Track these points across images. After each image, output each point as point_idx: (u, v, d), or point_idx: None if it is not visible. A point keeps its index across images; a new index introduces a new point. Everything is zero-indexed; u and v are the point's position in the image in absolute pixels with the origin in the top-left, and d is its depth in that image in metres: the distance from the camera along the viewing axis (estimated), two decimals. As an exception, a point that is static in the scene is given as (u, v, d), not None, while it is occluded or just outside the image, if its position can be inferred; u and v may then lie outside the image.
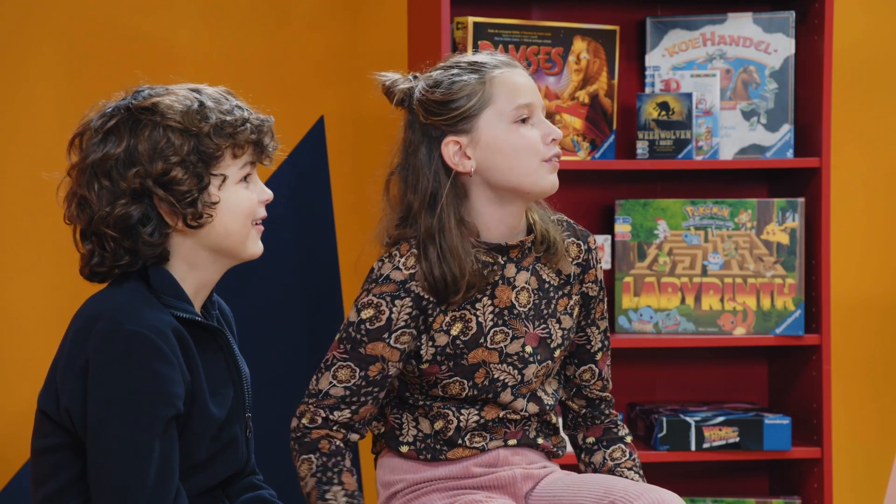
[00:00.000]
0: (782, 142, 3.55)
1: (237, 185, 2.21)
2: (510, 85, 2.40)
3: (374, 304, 2.39)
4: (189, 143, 2.16)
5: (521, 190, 2.40)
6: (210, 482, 2.23)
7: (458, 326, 2.41)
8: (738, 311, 3.50)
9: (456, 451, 2.46)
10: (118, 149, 2.15)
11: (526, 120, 2.40)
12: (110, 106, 2.21)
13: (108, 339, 2.09)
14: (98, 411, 2.08)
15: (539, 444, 2.51)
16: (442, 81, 2.40)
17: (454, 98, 2.39)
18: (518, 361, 2.44)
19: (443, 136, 2.40)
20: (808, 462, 3.51)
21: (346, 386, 2.39)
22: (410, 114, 2.43)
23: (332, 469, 2.38)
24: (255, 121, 2.22)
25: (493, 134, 2.39)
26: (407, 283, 2.38)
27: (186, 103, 2.18)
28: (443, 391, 2.43)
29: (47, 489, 2.16)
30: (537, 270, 2.47)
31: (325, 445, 2.39)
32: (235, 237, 2.22)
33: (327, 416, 2.40)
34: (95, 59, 3.64)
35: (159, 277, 2.18)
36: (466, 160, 2.39)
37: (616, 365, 3.66)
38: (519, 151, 2.39)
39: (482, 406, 2.46)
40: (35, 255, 3.63)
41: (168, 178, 2.15)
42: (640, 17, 3.65)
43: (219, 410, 2.20)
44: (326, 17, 3.76)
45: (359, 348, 2.39)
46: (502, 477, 2.48)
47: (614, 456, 2.57)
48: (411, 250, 2.39)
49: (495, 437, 2.47)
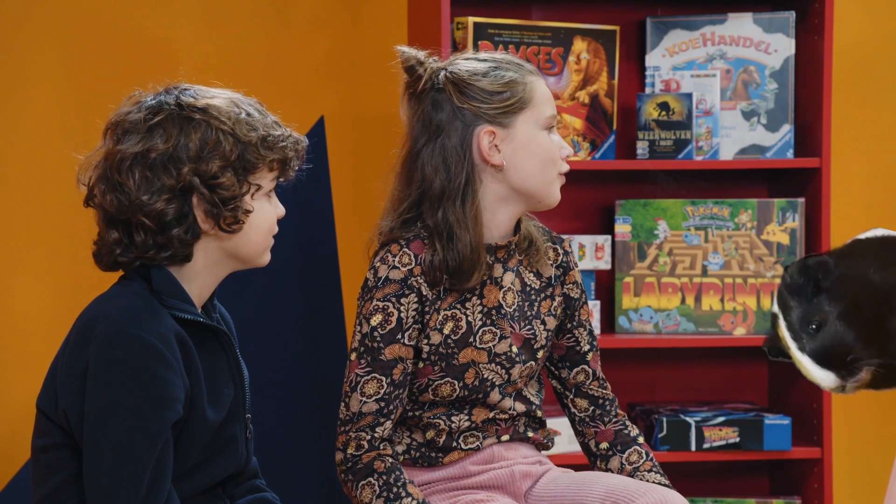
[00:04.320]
0: (782, 142, 3.55)
1: (263, 198, 2.23)
2: (544, 93, 2.46)
3: (381, 308, 2.39)
4: (237, 149, 2.18)
5: (536, 196, 2.44)
6: (209, 482, 2.23)
7: (450, 325, 2.42)
8: (738, 311, 3.50)
9: (452, 455, 2.47)
10: (166, 144, 2.15)
11: (550, 130, 2.46)
12: (153, 99, 2.20)
13: (109, 343, 2.09)
14: (97, 415, 2.08)
15: (530, 438, 2.53)
16: (483, 70, 2.43)
17: (504, 90, 2.42)
18: (506, 361, 2.46)
19: (475, 123, 2.41)
20: (808, 462, 3.51)
21: (377, 398, 2.39)
22: (436, 93, 2.43)
23: (396, 484, 2.36)
24: (293, 139, 2.26)
25: (527, 135, 2.43)
26: (408, 280, 2.39)
27: (235, 110, 2.20)
28: (434, 394, 2.44)
29: (46, 488, 2.16)
30: (520, 272, 2.50)
31: (379, 466, 2.37)
32: (257, 246, 2.24)
33: (370, 436, 2.38)
34: (95, 59, 3.64)
35: (161, 279, 2.18)
36: (497, 153, 2.42)
37: (616, 365, 3.66)
38: (545, 158, 2.43)
39: (471, 409, 2.47)
40: (35, 255, 3.63)
41: (216, 181, 2.16)
42: (640, 17, 3.65)
43: (216, 413, 2.20)
44: (326, 17, 3.76)
45: (379, 356, 2.39)
46: (501, 475, 2.48)
47: (631, 460, 2.57)
48: (403, 249, 2.40)
49: (488, 436, 2.48)
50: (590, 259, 3.51)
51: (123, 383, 2.08)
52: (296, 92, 3.71)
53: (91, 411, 2.08)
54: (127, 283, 2.20)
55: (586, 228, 3.65)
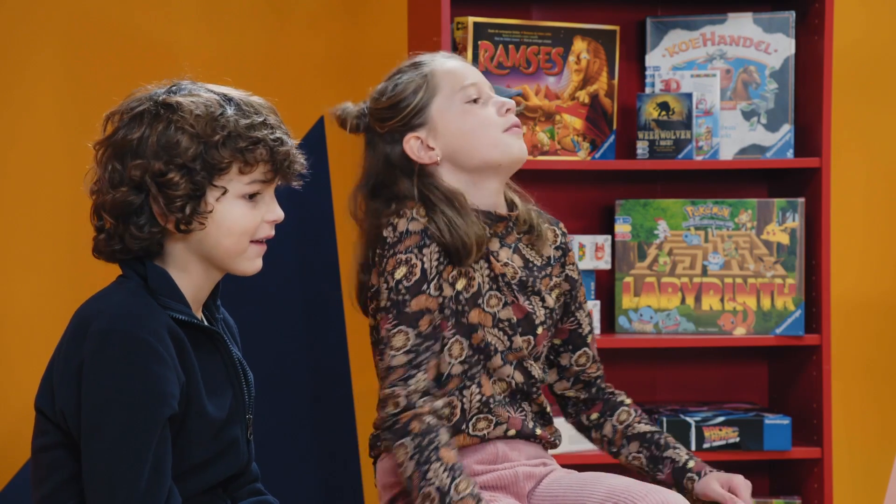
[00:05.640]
0: (782, 142, 3.55)
1: (238, 201, 2.19)
2: (451, 70, 2.49)
3: (404, 260, 2.41)
4: (197, 149, 2.15)
5: (492, 162, 2.47)
6: (210, 482, 2.23)
7: (463, 282, 2.45)
8: (738, 311, 3.50)
9: (459, 438, 2.46)
10: (134, 136, 2.16)
11: (477, 101, 2.48)
12: (145, 93, 2.21)
13: (102, 340, 2.09)
14: (93, 412, 2.08)
15: (538, 435, 2.53)
16: (386, 88, 2.50)
17: (401, 98, 2.47)
18: (508, 328, 2.48)
19: (402, 137, 2.47)
20: (808, 462, 3.51)
21: (405, 350, 2.39)
22: (368, 133, 2.52)
23: (428, 447, 2.35)
24: (271, 142, 2.19)
25: (447, 118, 2.46)
26: (428, 230, 2.42)
27: (210, 109, 2.17)
28: (449, 354, 2.44)
29: (45, 488, 2.15)
30: (520, 249, 2.53)
31: (415, 426, 2.37)
32: (227, 251, 2.20)
33: (406, 391, 2.38)
34: (95, 59, 3.64)
35: (157, 278, 2.18)
36: (431, 151, 2.46)
37: (616, 365, 3.66)
38: (477, 128, 2.46)
39: (479, 380, 2.47)
40: (35, 255, 3.63)
41: (164, 179, 2.14)
42: (640, 17, 3.65)
43: (217, 411, 2.20)
44: (326, 17, 3.75)
45: (405, 309, 2.40)
46: (504, 476, 2.49)
47: (621, 419, 2.62)
48: (418, 206, 2.44)
49: (500, 422, 2.48)
50: (590, 259, 3.51)
51: (117, 380, 2.07)
52: (296, 92, 3.71)
53: (87, 409, 2.08)
54: (123, 280, 2.20)
55: (586, 228, 3.65)
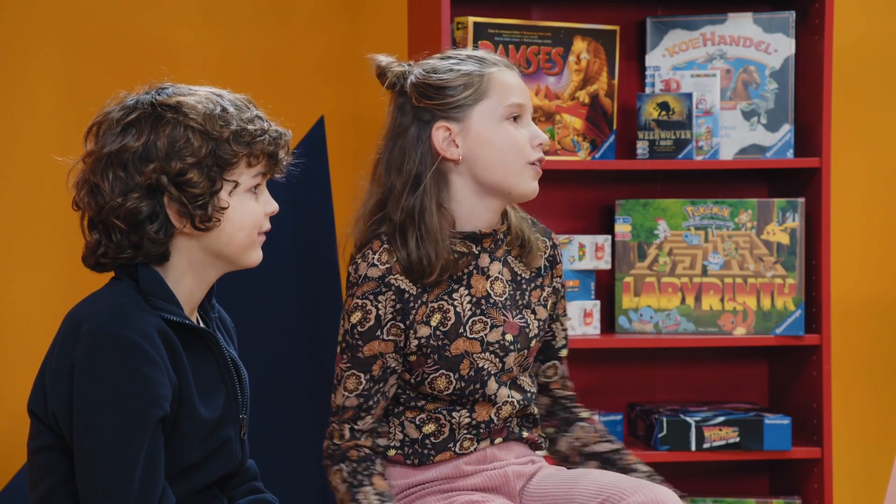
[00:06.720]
0: (782, 142, 3.55)
1: (246, 194, 2.22)
2: (505, 82, 2.45)
3: (360, 305, 2.41)
4: (208, 145, 2.16)
5: (503, 188, 2.45)
6: (204, 482, 2.23)
7: (437, 318, 2.44)
8: (738, 311, 3.50)
9: (444, 455, 2.47)
10: (137, 142, 2.15)
11: (516, 119, 2.45)
12: (132, 98, 2.21)
13: (93, 343, 2.09)
14: (85, 414, 2.08)
15: (524, 438, 2.54)
16: (440, 67, 2.45)
17: (451, 85, 2.43)
18: (499, 350, 2.47)
19: (433, 120, 2.44)
20: (808, 462, 3.51)
21: (357, 394, 2.43)
22: (401, 97, 2.47)
23: (363, 473, 2.41)
24: (273, 133, 2.23)
25: (484, 127, 2.43)
26: (386, 278, 2.41)
27: (210, 106, 2.18)
28: (430, 387, 2.44)
29: (40, 490, 2.16)
30: (509, 263, 2.51)
31: (353, 454, 2.43)
32: (239, 244, 2.22)
33: (352, 427, 2.44)
34: (95, 59, 3.64)
35: (149, 279, 2.18)
36: (454, 148, 2.44)
37: (616, 365, 3.67)
38: (506, 149, 2.44)
39: (472, 406, 2.47)
40: (35, 255, 3.63)
41: (183, 179, 2.15)
42: (640, 17, 3.65)
43: (209, 412, 2.20)
44: (326, 17, 3.76)
45: (357, 353, 2.42)
46: (495, 476, 2.49)
47: (578, 436, 2.60)
48: (383, 246, 2.43)
49: (482, 438, 2.49)
50: (590, 259, 3.51)
51: (108, 382, 2.08)
52: (296, 92, 3.71)
53: (78, 411, 2.09)
54: (115, 282, 2.20)
55: (586, 228, 3.65)
